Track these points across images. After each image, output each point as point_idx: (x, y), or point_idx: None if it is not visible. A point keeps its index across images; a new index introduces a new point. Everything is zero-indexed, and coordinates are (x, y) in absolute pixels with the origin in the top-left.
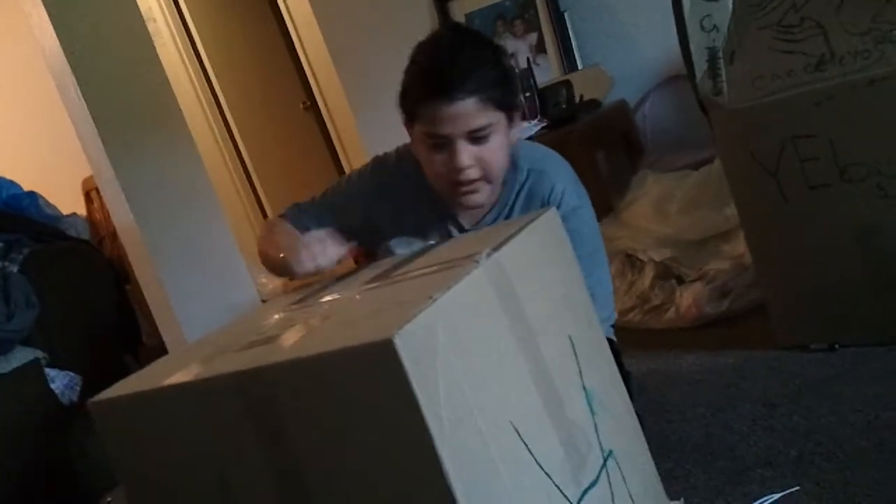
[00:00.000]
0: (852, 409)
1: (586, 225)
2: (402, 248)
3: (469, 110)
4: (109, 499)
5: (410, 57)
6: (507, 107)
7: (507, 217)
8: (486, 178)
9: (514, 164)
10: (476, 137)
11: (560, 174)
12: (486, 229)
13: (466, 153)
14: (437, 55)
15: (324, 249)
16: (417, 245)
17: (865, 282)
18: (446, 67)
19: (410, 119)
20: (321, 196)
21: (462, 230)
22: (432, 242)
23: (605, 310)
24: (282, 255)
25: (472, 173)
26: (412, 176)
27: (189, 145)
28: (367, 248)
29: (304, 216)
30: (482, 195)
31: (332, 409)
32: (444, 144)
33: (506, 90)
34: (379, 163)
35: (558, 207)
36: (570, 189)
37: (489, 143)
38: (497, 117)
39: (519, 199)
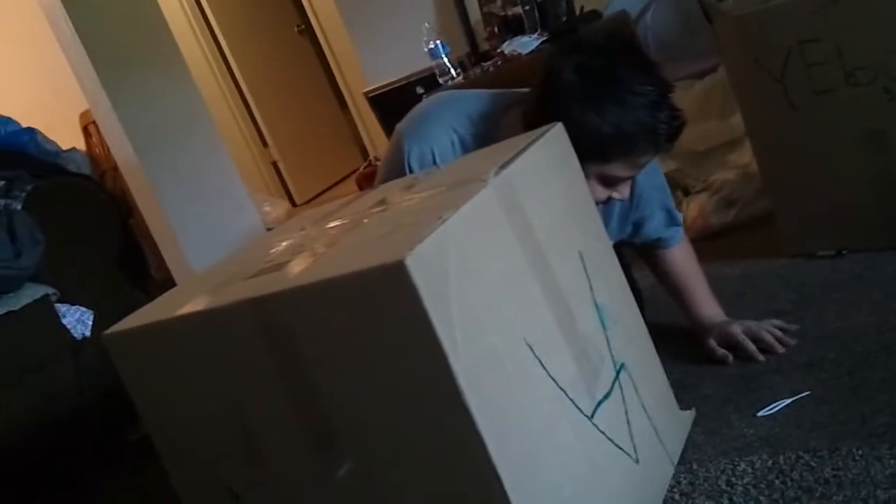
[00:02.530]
0: (860, 313)
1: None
2: None
3: None
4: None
5: (621, 89)
6: None
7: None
8: None
9: None
10: None
11: None
12: (492, 147)
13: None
14: (663, 111)
15: None
16: None
17: (873, 186)
18: (674, 126)
19: (597, 161)
20: None
21: None
22: None
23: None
24: None
25: None
26: None
27: (185, 74)
28: None
29: None
30: None
31: (345, 333)
32: (615, 181)
33: None
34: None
35: None
36: None
37: None
38: None
39: None
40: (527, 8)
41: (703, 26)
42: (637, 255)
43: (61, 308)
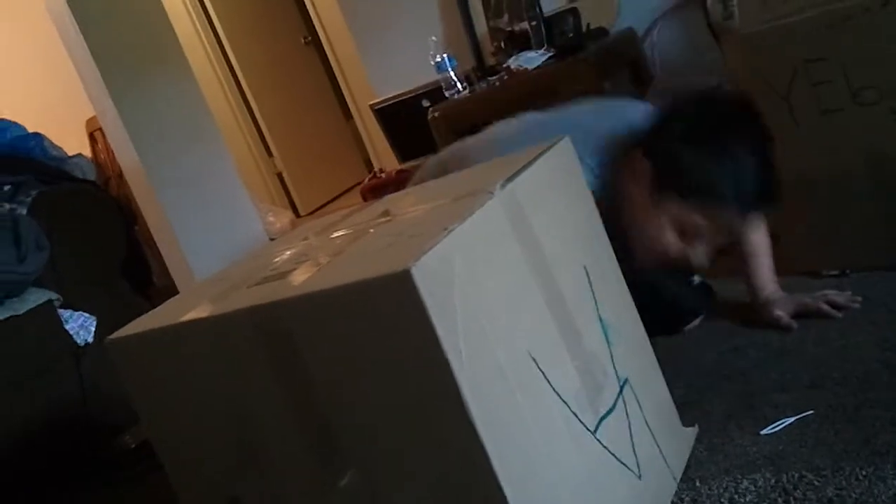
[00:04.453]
0: (864, 332)
1: None
2: None
3: None
4: (128, 437)
5: (737, 141)
6: None
7: None
8: None
9: None
10: None
11: None
12: (499, 160)
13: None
14: (768, 168)
15: None
16: None
17: (877, 206)
18: (762, 187)
19: (685, 197)
20: None
21: None
22: None
23: None
24: None
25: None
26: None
27: (191, 82)
28: None
29: None
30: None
31: (349, 343)
32: (691, 235)
33: None
34: None
35: None
36: None
37: None
38: None
39: None
40: (534, 23)
41: (709, 44)
42: None
43: (64, 314)
